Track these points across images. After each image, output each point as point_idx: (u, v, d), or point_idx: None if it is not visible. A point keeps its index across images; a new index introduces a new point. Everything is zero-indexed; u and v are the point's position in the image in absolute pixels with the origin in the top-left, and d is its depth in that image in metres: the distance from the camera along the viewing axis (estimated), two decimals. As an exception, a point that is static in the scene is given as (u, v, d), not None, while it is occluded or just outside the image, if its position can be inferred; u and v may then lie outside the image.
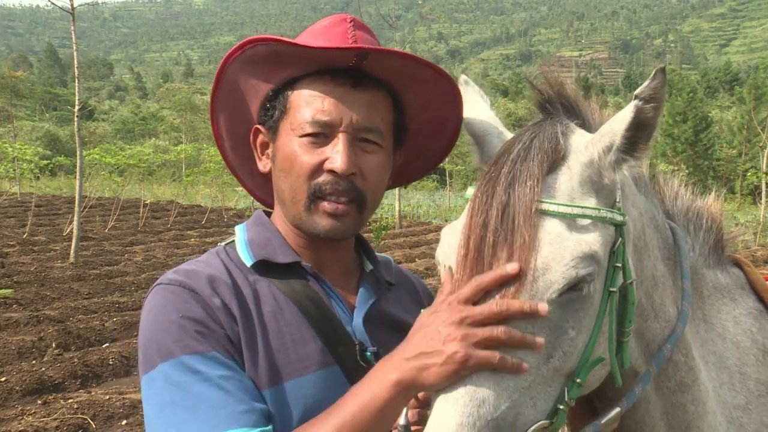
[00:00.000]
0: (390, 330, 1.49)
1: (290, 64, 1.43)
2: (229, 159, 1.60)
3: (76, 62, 13.18)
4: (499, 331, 1.13)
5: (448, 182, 30.46)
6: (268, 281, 1.42)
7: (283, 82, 1.45)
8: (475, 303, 1.17)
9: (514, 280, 1.16)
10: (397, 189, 20.56)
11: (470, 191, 1.33)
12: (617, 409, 1.31)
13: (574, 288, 1.18)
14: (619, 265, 1.25)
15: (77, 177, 13.19)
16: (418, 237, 17.62)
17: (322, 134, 1.40)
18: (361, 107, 1.41)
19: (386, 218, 18.59)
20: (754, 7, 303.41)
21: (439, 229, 21.01)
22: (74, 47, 13.16)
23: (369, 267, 1.59)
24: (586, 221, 1.22)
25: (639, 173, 1.51)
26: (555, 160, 1.27)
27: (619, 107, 1.40)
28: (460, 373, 1.12)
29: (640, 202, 1.45)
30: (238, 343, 1.32)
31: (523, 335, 1.14)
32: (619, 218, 1.26)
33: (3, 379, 6.53)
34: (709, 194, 1.72)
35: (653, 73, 1.20)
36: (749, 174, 25.56)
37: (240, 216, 20.71)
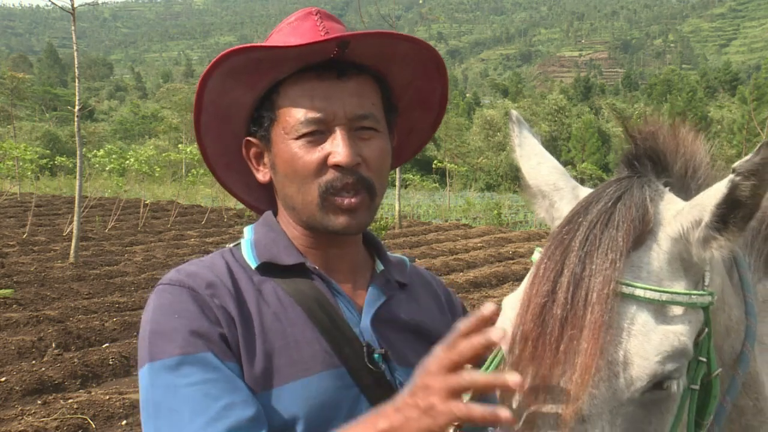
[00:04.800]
0: (400, 331, 1.47)
1: (271, 69, 1.40)
2: (222, 179, 1.59)
3: (76, 62, 13.17)
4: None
5: (448, 182, 30.48)
6: (273, 283, 1.41)
7: (266, 88, 1.43)
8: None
9: (584, 372, 1.00)
10: (397, 189, 20.57)
11: (536, 255, 1.16)
12: None
13: (658, 386, 1.05)
14: (704, 359, 1.11)
15: (77, 177, 13.19)
16: (418, 237, 17.58)
17: (317, 131, 1.38)
18: (351, 96, 1.40)
19: (386, 218, 18.58)
20: (754, 7, 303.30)
21: (439, 229, 20.92)
22: (74, 47, 13.16)
23: (380, 267, 1.57)
24: (676, 308, 1.07)
25: None
26: (642, 232, 1.10)
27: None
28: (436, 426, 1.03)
29: (718, 261, 1.21)
30: (235, 344, 1.32)
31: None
32: (707, 299, 1.10)
33: (3, 379, 6.53)
34: None
35: (757, 147, 1.02)
36: (749, 174, 25.57)
37: (240, 216, 20.68)
